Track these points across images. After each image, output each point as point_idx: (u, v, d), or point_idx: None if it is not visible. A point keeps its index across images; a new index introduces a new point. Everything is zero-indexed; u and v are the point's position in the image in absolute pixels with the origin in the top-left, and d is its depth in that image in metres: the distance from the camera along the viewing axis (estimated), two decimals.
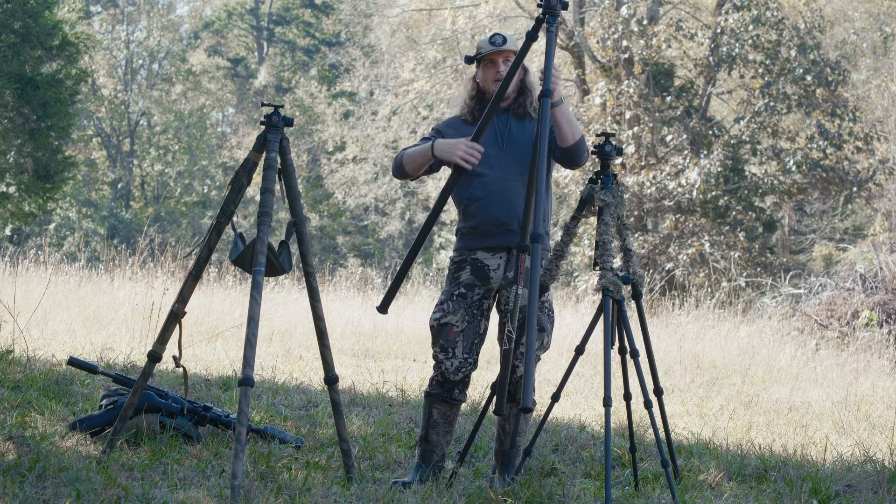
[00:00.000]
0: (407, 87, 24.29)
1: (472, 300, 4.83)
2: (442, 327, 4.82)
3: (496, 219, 4.76)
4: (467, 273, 4.83)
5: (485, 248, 4.82)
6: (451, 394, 4.87)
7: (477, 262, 4.82)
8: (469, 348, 4.82)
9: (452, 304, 4.82)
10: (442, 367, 4.83)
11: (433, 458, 4.90)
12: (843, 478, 5.41)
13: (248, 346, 4.31)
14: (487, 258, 4.81)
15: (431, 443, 4.91)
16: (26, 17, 21.02)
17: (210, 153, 39.94)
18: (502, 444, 4.90)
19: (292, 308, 11.95)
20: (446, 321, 4.81)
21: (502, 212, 4.75)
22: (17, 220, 22.86)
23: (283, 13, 40.86)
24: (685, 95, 19.69)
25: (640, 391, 4.88)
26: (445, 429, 4.90)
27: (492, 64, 4.84)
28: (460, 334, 4.81)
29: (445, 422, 4.89)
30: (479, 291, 4.83)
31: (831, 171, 18.74)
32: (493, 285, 4.83)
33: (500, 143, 4.82)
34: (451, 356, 4.82)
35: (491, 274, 4.81)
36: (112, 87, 39.52)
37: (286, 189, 4.62)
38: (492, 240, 4.79)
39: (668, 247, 19.15)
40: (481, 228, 4.78)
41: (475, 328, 4.83)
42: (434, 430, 4.89)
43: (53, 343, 8.15)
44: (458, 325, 4.81)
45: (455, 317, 4.81)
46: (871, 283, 13.30)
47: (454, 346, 4.81)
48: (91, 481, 4.24)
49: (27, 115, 21.12)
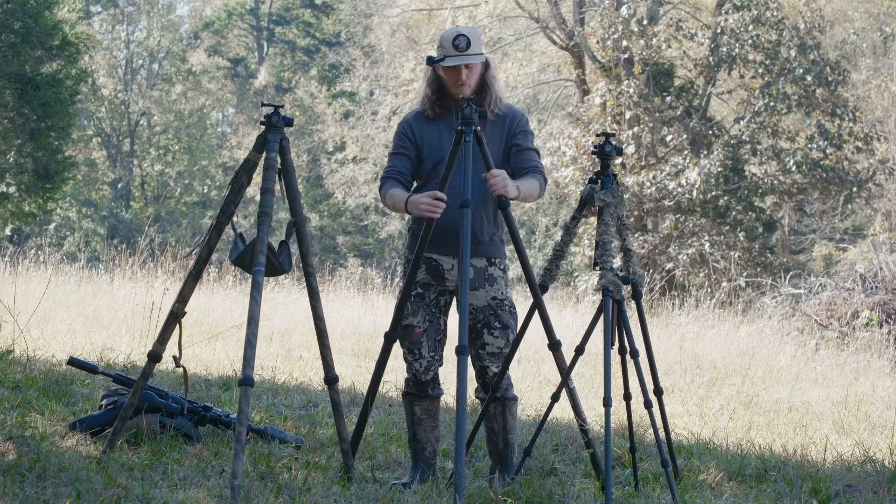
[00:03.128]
0: (407, 87, 24.30)
1: (430, 299, 4.83)
2: (405, 329, 4.83)
3: (448, 228, 4.68)
4: (423, 272, 4.83)
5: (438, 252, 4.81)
6: (426, 391, 4.90)
7: (431, 261, 4.81)
8: (434, 346, 4.84)
9: (412, 305, 4.82)
10: (413, 367, 4.86)
11: (425, 454, 4.91)
12: (843, 478, 5.41)
13: (248, 346, 4.31)
14: (441, 259, 4.81)
15: (420, 440, 4.92)
16: (26, 17, 21.03)
17: (210, 153, 39.95)
18: (495, 444, 4.91)
19: (292, 308, 11.94)
20: (408, 323, 4.82)
21: (454, 221, 4.65)
22: (17, 220, 22.87)
23: (283, 13, 40.86)
24: (685, 95, 19.68)
25: (640, 391, 4.88)
26: (431, 424, 4.92)
27: (454, 70, 4.75)
28: (423, 334, 4.82)
29: (429, 417, 4.91)
30: (435, 290, 4.84)
31: (831, 171, 18.73)
32: (449, 285, 4.84)
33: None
34: (418, 357, 4.84)
35: (446, 274, 4.81)
36: (112, 87, 39.53)
37: (286, 189, 4.62)
38: (445, 248, 4.77)
39: (668, 247, 19.15)
40: (436, 234, 4.73)
41: (436, 326, 4.84)
42: (420, 427, 4.91)
43: (53, 343, 8.15)
44: (420, 325, 4.82)
45: (416, 318, 4.82)
46: (871, 283, 13.30)
47: (420, 346, 4.83)
48: (91, 481, 4.24)
49: (27, 115, 21.12)
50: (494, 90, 4.81)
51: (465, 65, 4.72)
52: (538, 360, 9.40)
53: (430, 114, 4.85)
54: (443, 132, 4.81)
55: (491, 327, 4.79)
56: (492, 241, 4.84)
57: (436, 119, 4.84)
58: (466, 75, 4.74)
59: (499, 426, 4.87)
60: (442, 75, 4.81)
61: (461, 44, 4.69)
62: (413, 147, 4.85)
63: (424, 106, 4.86)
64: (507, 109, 4.87)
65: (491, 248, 4.84)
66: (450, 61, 4.70)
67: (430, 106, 4.84)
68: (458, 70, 4.73)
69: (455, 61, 4.70)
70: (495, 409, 4.87)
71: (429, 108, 4.84)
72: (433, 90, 4.84)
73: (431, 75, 4.84)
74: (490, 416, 4.89)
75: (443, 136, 4.80)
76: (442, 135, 4.80)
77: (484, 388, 4.88)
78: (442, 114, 4.83)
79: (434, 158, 4.81)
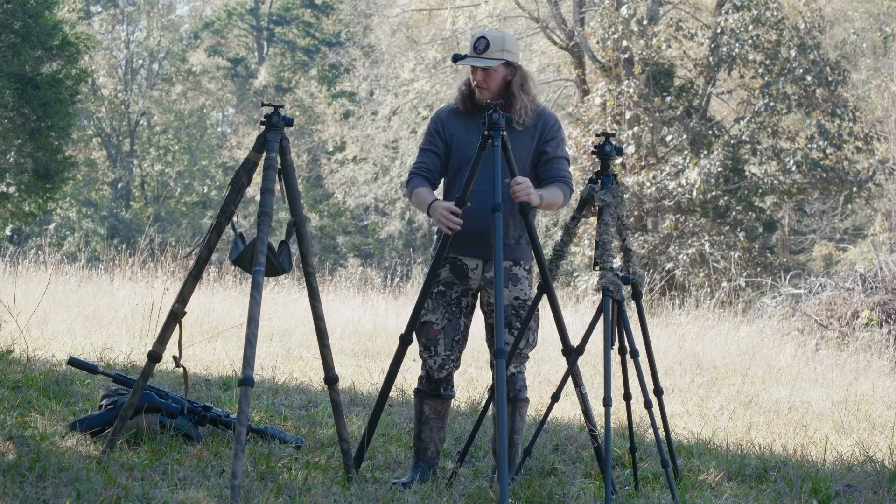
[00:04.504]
0: (407, 87, 24.30)
1: (451, 298, 4.83)
2: (422, 325, 4.83)
3: (476, 231, 4.72)
4: (446, 271, 4.83)
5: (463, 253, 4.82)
6: (438, 390, 4.89)
7: (456, 260, 4.82)
8: (451, 346, 4.83)
9: (432, 302, 4.82)
10: (426, 364, 4.86)
11: (427, 455, 4.91)
12: (843, 478, 5.41)
13: (248, 346, 4.31)
14: (466, 259, 4.82)
15: (424, 440, 4.91)
16: (26, 17, 21.02)
17: (210, 153, 39.95)
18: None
19: (292, 308, 11.94)
20: (426, 319, 4.82)
21: (482, 225, 4.70)
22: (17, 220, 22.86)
23: (283, 13, 40.86)
24: (685, 95, 19.68)
25: (640, 391, 4.88)
26: (438, 425, 4.91)
27: (473, 69, 4.80)
28: (441, 332, 4.82)
29: (437, 417, 4.91)
30: (457, 289, 4.84)
31: (831, 171, 18.73)
32: (472, 285, 4.84)
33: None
34: (433, 354, 4.83)
35: (470, 274, 4.82)
36: (112, 87, 39.52)
37: (286, 189, 4.62)
38: (471, 249, 4.79)
39: (668, 247, 19.14)
40: (462, 237, 4.75)
41: (455, 326, 4.84)
42: (427, 427, 4.90)
43: (53, 343, 8.15)
44: (439, 322, 4.82)
45: (435, 315, 4.81)
46: (871, 283, 13.30)
47: (436, 343, 4.82)
48: (91, 481, 4.24)
49: (27, 115, 21.12)
50: (521, 99, 4.78)
51: (480, 67, 4.74)
52: (538, 360, 9.40)
53: (461, 108, 4.86)
54: (472, 131, 4.81)
55: (512, 327, 4.79)
56: (518, 244, 4.84)
57: (468, 115, 4.85)
58: (482, 78, 4.75)
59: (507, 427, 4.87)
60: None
61: (479, 46, 4.73)
62: (442, 143, 4.86)
63: (457, 99, 4.89)
64: (538, 115, 4.84)
65: (517, 251, 4.84)
66: (465, 61, 4.74)
67: (461, 100, 4.87)
68: (474, 71, 4.78)
69: (468, 62, 4.73)
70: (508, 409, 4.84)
71: (460, 103, 4.87)
72: (468, 86, 4.87)
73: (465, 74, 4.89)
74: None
75: (471, 134, 4.80)
76: (471, 133, 4.80)
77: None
78: (474, 111, 4.84)
79: (462, 156, 4.81)
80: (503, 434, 4.11)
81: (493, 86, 4.77)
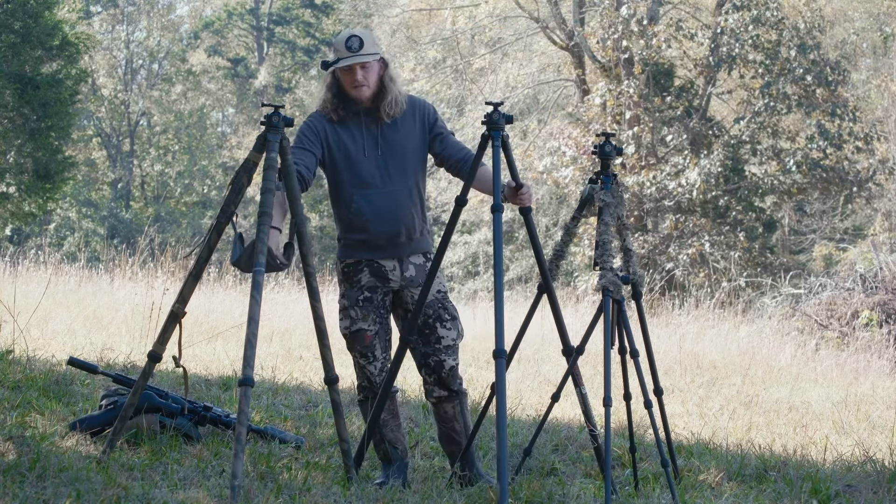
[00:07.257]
0: (407, 88, 24.27)
1: (379, 301, 4.83)
2: (355, 334, 4.82)
3: (386, 234, 4.75)
4: (367, 275, 4.82)
5: (379, 256, 4.83)
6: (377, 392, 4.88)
7: (373, 263, 4.82)
8: (384, 347, 4.85)
9: (361, 310, 4.80)
10: (366, 371, 4.84)
11: (398, 452, 4.90)
12: (843, 478, 5.41)
13: (248, 346, 4.31)
14: (383, 261, 4.82)
15: (391, 440, 4.90)
16: (26, 17, 21.02)
17: (210, 153, 39.95)
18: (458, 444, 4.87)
19: (292, 308, 11.94)
20: (358, 328, 4.81)
21: (391, 226, 4.73)
22: (17, 220, 22.86)
23: (283, 13, 40.87)
24: (685, 95, 19.68)
25: (640, 391, 4.88)
26: (395, 423, 4.91)
27: (349, 71, 4.72)
28: (375, 337, 4.82)
29: (392, 416, 4.91)
30: (381, 292, 4.84)
31: (831, 171, 18.73)
32: (394, 286, 4.84)
33: (378, 152, 4.77)
34: (372, 360, 4.83)
35: (389, 275, 4.82)
36: (112, 87, 39.54)
37: (286, 189, 4.62)
38: (383, 252, 4.81)
39: (668, 247, 19.15)
40: (371, 243, 4.77)
41: (386, 328, 4.86)
42: (387, 428, 4.89)
43: (53, 343, 8.15)
44: (371, 328, 4.81)
45: (366, 322, 4.81)
46: (871, 283, 13.30)
47: (373, 349, 4.82)
48: (91, 481, 4.24)
49: (27, 115, 21.11)
50: (392, 91, 4.76)
51: (360, 65, 4.69)
52: (538, 360, 9.41)
53: (335, 117, 4.80)
54: (354, 135, 4.78)
55: (442, 320, 4.80)
56: (422, 236, 4.88)
57: (341, 123, 4.80)
58: (363, 76, 4.70)
59: (460, 425, 4.87)
60: (340, 79, 4.77)
61: (353, 44, 4.67)
62: (320, 146, 4.81)
63: (327, 110, 4.81)
64: (410, 102, 4.85)
65: (423, 242, 4.88)
66: (344, 62, 4.67)
67: (332, 110, 4.79)
68: (354, 71, 4.70)
69: (349, 61, 4.67)
70: (454, 409, 4.85)
71: (332, 112, 4.79)
72: (334, 94, 4.79)
73: (331, 80, 4.80)
74: (449, 417, 4.86)
75: (355, 138, 4.77)
76: (354, 137, 4.77)
77: (439, 383, 4.81)
78: (347, 117, 4.79)
79: (348, 162, 4.77)
80: (503, 434, 4.11)
81: (373, 81, 4.73)
